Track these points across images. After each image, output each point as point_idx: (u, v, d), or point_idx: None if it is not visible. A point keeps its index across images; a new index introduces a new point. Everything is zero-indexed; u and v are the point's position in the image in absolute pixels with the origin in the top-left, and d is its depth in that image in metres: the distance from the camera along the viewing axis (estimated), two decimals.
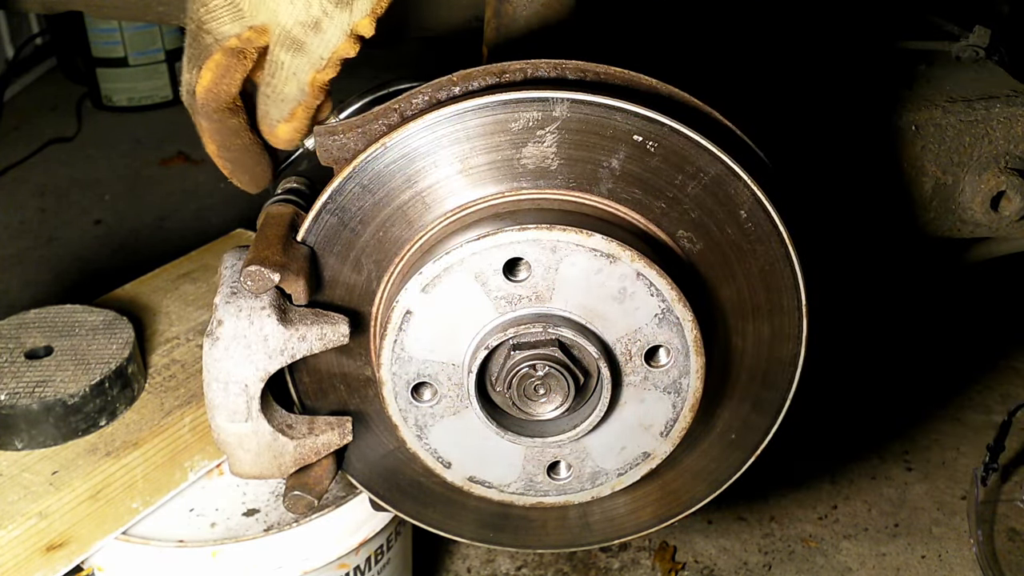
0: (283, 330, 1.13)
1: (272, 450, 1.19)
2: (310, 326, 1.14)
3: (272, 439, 1.18)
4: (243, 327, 1.13)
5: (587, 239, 1.07)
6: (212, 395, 1.16)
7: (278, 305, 1.13)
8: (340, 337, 1.15)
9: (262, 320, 1.13)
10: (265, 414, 1.17)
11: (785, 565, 2.01)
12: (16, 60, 4.53)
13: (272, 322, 1.13)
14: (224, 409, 1.16)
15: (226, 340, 1.13)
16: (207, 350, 1.15)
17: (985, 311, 2.80)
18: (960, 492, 2.18)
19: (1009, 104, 1.55)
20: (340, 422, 1.23)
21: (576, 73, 1.15)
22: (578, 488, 1.22)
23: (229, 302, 1.14)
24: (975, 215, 1.57)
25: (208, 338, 1.15)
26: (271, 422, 1.18)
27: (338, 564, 1.49)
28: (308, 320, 1.14)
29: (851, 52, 1.81)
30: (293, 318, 1.14)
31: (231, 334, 1.13)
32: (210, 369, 1.15)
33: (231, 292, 1.15)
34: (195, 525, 1.46)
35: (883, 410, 2.45)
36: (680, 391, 1.15)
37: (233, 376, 1.14)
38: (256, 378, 1.14)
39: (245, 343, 1.13)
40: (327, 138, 1.15)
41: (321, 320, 1.15)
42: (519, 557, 2.02)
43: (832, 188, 1.57)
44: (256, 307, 1.13)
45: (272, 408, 1.19)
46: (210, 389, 1.16)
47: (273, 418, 1.18)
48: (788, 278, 1.16)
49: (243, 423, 1.17)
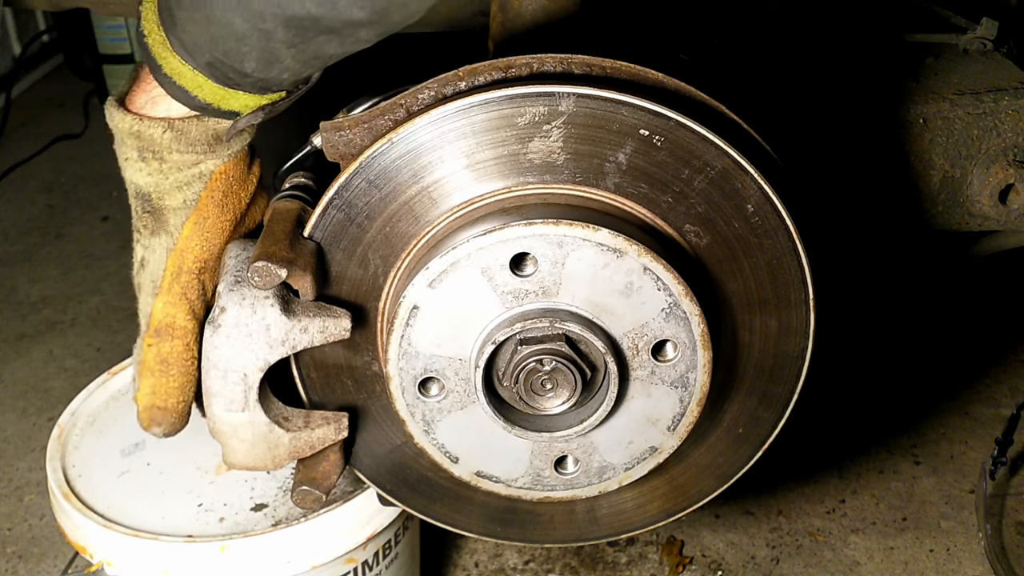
0: (286, 320, 1.13)
1: (267, 441, 1.19)
2: (312, 318, 1.14)
3: (268, 430, 1.18)
4: (246, 315, 1.12)
5: (594, 233, 1.07)
6: (210, 383, 1.15)
7: (282, 295, 1.13)
8: (342, 331, 1.15)
9: (265, 309, 1.12)
10: (262, 405, 1.16)
11: (793, 559, 2.01)
12: (23, 57, 4.53)
13: (275, 312, 1.12)
14: (221, 397, 1.15)
15: (228, 328, 1.13)
16: (208, 337, 1.14)
17: (993, 304, 2.79)
18: (968, 486, 2.18)
19: (1017, 96, 1.55)
20: (337, 417, 1.22)
21: (582, 67, 1.14)
22: (585, 482, 1.22)
23: (233, 290, 1.14)
24: (983, 208, 1.57)
25: (210, 325, 1.14)
26: (267, 413, 1.17)
27: (346, 559, 1.49)
28: (311, 312, 1.14)
29: (858, 45, 1.81)
30: (296, 309, 1.14)
31: (233, 322, 1.13)
32: (209, 356, 1.14)
33: (235, 280, 1.15)
34: (204, 520, 1.46)
35: (891, 404, 2.44)
36: (687, 385, 1.15)
37: (233, 364, 1.13)
38: (255, 367, 1.14)
39: (247, 331, 1.13)
40: (333, 134, 1.15)
41: (324, 313, 1.14)
42: (526, 551, 2.02)
43: (839, 182, 1.57)
44: (260, 296, 1.12)
45: (269, 399, 1.19)
46: (208, 376, 1.15)
47: (270, 409, 1.18)
48: (795, 272, 1.16)
49: (239, 413, 1.16)
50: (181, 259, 1.22)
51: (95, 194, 3.61)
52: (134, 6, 1.20)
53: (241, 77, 1.11)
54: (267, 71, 1.10)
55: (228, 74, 1.11)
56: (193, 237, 1.22)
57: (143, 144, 1.18)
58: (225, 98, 1.15)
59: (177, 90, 1.14)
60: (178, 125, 1.16)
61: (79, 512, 1.45)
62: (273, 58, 1.08)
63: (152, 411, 1.24)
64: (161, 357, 1.23)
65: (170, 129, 1.16)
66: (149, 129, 1.16)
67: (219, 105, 1.15)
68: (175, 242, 1.22)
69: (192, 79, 1.13)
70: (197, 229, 1.22)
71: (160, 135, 1.16)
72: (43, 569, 2.02)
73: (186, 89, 1.14)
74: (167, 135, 1.16)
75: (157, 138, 1.16)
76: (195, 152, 1.18)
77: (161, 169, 1.19)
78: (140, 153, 1.18)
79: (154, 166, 1.19)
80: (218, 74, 1.12)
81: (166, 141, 1.17)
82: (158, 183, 1.20)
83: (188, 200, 1.21)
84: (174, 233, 1.22)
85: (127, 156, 1.20)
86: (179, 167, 1.19)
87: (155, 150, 1.18)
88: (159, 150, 1.18)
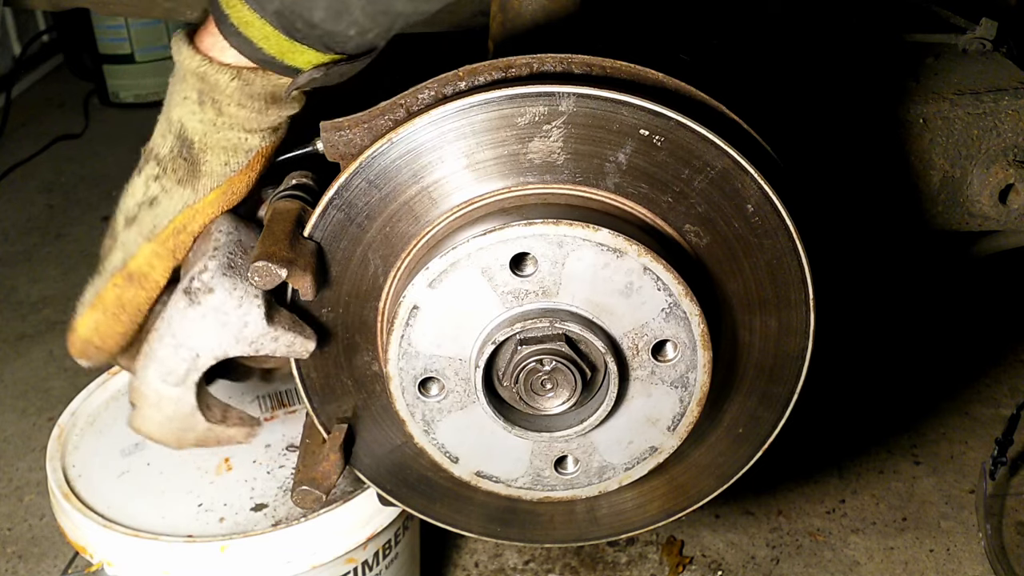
0: (264, 325, 1.12)
1: (184, 422, 1.17)
2: (286, 331, 1.14)
3: (190, 413, 1.16)
4: (231, 306, 1.11)
5: (594, 233, 1.07)
6: (159, 348, 1.13)
7: (268, 300, 1.13)
8: (304, 351, 1.15)
9: (251, 308, 1.11)
10: (197, 387, 1.15)
11: (793, 559, 2.01)
12: (23, 57, 4.53)
13: (259, 314, 1.12)
14: (163, 366, 1.13)
15: (206, 308, 1.11)
16: (181, 307, 1.12)
17: (993, 305, 2.79)
18: (968, 486, 2.18)
19: (1017, 96, 1.55)
20: (251, 421, 1.22)
21: (582, 67, 1.14)
22: (585, 482, 1.22)
23: (226, 275, 1.13)
24: (983, 208, 1.57)
25: (187, 296, 1.12)
26: (197, 397, 1.16)
27: (346, 559, 1.49)
28: (286, 325, 1.14)
29: (858, 45, 1.81)
30: (276, 318, 1.14)
31: (215, 305, 1.11)
32: (173, 325, 1.12)
33: (228, 264, 1.13)
34: (204, 520, 1.46)
35: (891, 404, 2.44)
36: (687, 385, 1.15)
37: (192, 342, 1.12)
38: (211, 354, 1.13)
39: (223, 320, 1.11)
40: (333, 134, 1.15)
41: (297, 329, 1.15)
42: (526, 551, 2.02)
43: (840, 182, 1.57)
44: (250, 293, 1.12)
45: (203, 384, 1.18)
46: (160, 341, 1.13)
47: (200, 394, 1.17)
48: (795, 272, 1.16)
49: (172, 387, 1.14)
50: (191, 220, 1.21)
51: (95, 194, 3.61)
52: (134, 6, 1.20)
53: (308, 28, 1.09)
54: (335, 23, 1.08)
55: (296, 24, 1.09)
56: (214, 204, 1.21)
57: (206, 87, 1.16)
58: (290, 52, 1.13)
59: (242, 41, 1.13)
60: (245, 75, 1.15)
61: (79, 512, 1.45)
62: (343, 8, 1.07)
63: (87, 346, 1.25)
64: (122, 301, 1.22)
65: (238, 78, 1.15)
66: (217, 74, 1.15)
67: (283, 59, 1.14)
68: (196, 201, 1.21)
69: (260, 29, 1.11)
70: (221, 199, 1.21)
71: (227, 82, 1.15)
72: (43, 569, 2.02)
73: (252, 40, 1.12)
74: (234, 83, 1.15)
75: (223, 85, 1.15)
76: (252, 109, 1.17)
77: (215, 121, 1.18)
78: (200, 96, 1.17)
79: (210, 115, 1.18)
80: (286, 24, 1.10)
81: (231, 90, 1.15)
82: (206, 133, 1.18)
83: (227, 168, 1.20)
84: (200, 193, 1.20)
85: (186, 95, 1.18)
86: (231, 126, 1.18)
87: (216, 97, 1.16)
88: (220, 98, 1.16)
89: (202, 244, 1.20)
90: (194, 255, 1.20)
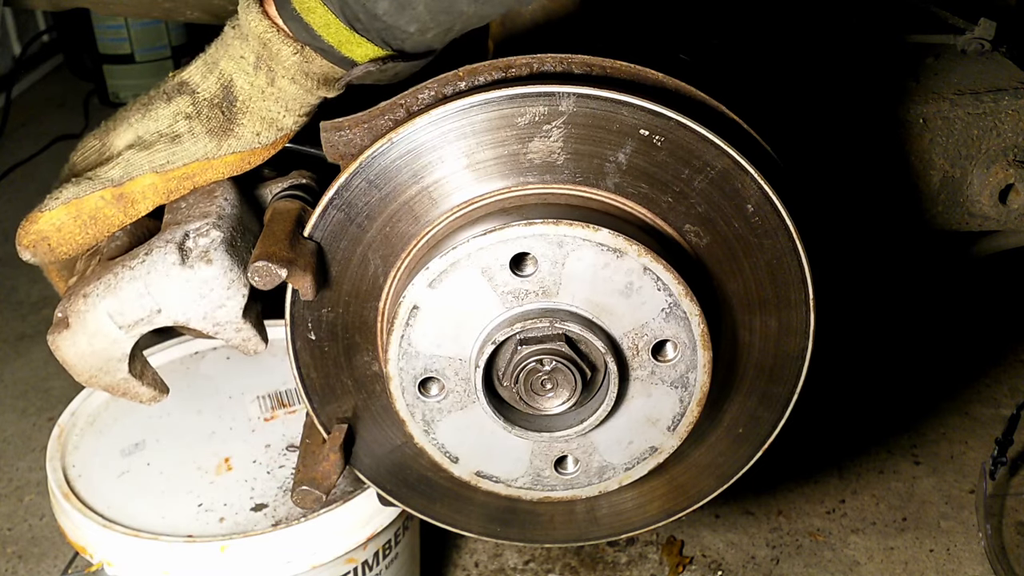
0: (237, 317, 1.12)
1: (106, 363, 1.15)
2: (250, 328, 1.14)
3: (119, 357, 1.14)
4: (217, 284, 1.10)
5: (594, 233, 1.07)
6: (124, 286, 1.11)
7: (253, 292, 1.13)
8: (253, 351, 1.16)
9: (235, 296, 1.11)
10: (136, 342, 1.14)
11: (793, 559, 2.01)
12: (23, 57, 4.54)
13: (238, 304, 1.11)
14: (120, 304, 1.11)
15: (194, 274, 1.10)
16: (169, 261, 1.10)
17: (993, 305, 2.79)
18: (968, 486, 2.18)
19: (1017, 96, 1.55)
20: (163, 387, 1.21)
21: (582, 67, 1.14)
22: (585, 482, 1.22)
23: (228, 253, 1.12)
24: (983, 208, 1.57)
25: (179, 252, 1.11)
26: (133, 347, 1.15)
27: (346, 559, 1.49)
28: (253, 321, 1.15)
29: (858, 46, 1.81)
30: (249, 315, 1.14)
31: (204, 277, 1.10)
32: (152, 273, 1.10)
33: (230, 242, 1.13)
34: (204, 520, 1.46)
35: (891, 404, 2.45)
36: (687, 385, 1.15)
37: (161, 297, 1.10)
38: (170, 317, 1.11)
39: (203, 292, 1.10)
40: (333, 134, 1.15)
41: (258, 330, 1.16)
42: (526, 551, 2.02)
43: (840, 182, 1.57)
44: (241, 282, 1.12)
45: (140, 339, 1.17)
46: (129, 282, 1.11)
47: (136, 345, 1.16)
48: (795, 272, 1.16)
49: (115, 328, 1.12)
50: (202, 172, 1.20)
51: None
52: (134, 6, 1.19)
53: (370, 20, 1.09)
54: (398, 17, 1.08)
55: (359, 15, 1.09)
56: (228, 167, 1.21)
57: (266, 54, 1.15)
58: (348, 43, 1.13)
59: (302, 27, 1.12)
60: (307, 53, 1.14)
61: (79, 512, 1.45)
62: (407, 2, 1.07)
63: (41, 242, 1.22)
64: (99, 214, 1.20)
65: (300, 53, 1.14)
66: (281, 45, 1.14)
67: (340, 49, 1.13)
68: (216, 157, 1.20)
69: (322, 16, 1.11)
70: (235, 164, 1.21)
71: (289, 55, 1.14)
72: (43, 569, 2.02)
73: (312, 27, 1.12)
74: (296, 58, 1.14)
75: (285, 57, 1.14)
76: (303, 87, 1.16)
77: (264, 89, 1.17)
78: (258, 60, 1.16)
79: (261, 81, 1.17)
80: (349, 13, 1.09)
81: (291, 64, 1.15)
82: (252, 98, 1.17)
83: (257, 139, 1.19)
84: (222, 150, 1.20)
85: (243, 55, 1.17)
86: (277, 99, 1.17)
87: (272, 66, 1.16)
88: (276, 68, 1.16)
89: (202, 201, 1.19)
90: (189, 207, 1.19)
